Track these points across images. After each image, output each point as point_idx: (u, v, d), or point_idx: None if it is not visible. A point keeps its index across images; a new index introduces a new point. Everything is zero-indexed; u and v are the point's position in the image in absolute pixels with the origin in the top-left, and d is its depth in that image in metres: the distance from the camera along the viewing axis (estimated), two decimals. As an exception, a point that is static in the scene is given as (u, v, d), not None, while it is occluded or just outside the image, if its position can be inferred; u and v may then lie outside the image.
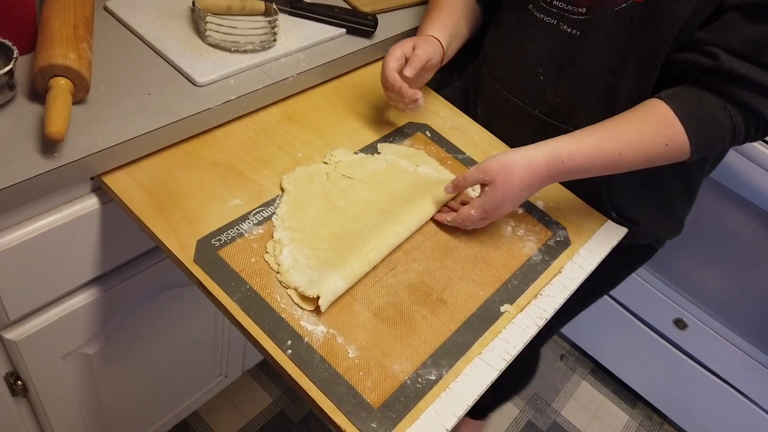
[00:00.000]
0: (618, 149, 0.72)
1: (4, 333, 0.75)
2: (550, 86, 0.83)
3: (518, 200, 0.74)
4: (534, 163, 0.72)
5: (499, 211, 0.74)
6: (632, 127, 0.73)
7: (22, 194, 0.63)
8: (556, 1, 0.78)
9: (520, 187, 0.72)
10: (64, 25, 0.71)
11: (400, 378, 0.60)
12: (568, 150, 0.72)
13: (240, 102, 0.80)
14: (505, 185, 0.71)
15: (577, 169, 0.73)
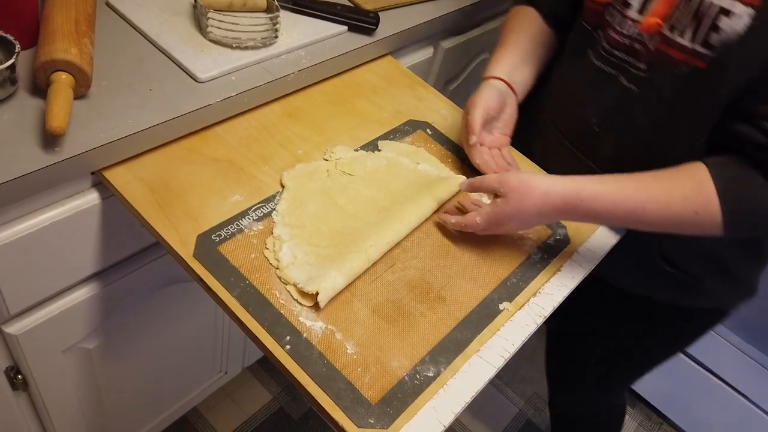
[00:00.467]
0: (643, 203, 0.68)
1: (5, 327, 0.75)
2: (602, 137, 0.79)
3: (526, 223, 0.72)
4: (552, 194, 0.69)
5: (504, 227, 0.72)
6: (663, 183, 0.68)
7: (23, 188, 0.63)
8: (617, 52, 0.74)
9: (531, 212, 0.70)
10: (66, 21, 0.71)
11: (398, 374, 0.60)
12: (589, 191, 0.69)
13: (241, 98, 0.80)
14: (517, 203, 0.69)
15: (595, 213, 0.70)
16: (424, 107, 0.94)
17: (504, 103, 0.82)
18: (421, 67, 1.14)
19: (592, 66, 0.78)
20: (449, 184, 0.80)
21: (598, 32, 0.77)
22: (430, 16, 1.05)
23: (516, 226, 0.72)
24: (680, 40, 0.67)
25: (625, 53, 0.73)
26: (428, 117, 0.92)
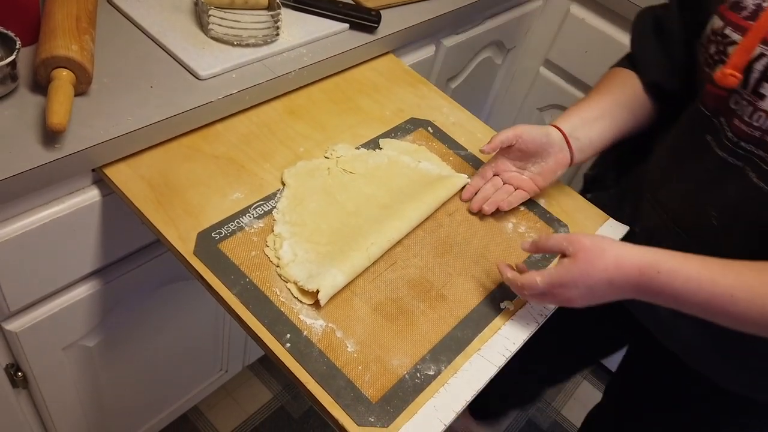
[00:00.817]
0: (731, 288, 0.58)
1: (5, 324, 0.75)
2: (723, 234, 0.69)
3: (591, 292, 0.61)
4: (626, 261, 0.60)
5: (566, 294, 0.62)
6: (758, 272, 0.58)
7: (23, 185, 0.63)
8: (744, 144, 0.65)
9: (600, 277, 0.60)
10: (67, 17, 0.71)
11: (398, 373, 0.60)
12: (670, 264, 0.60)
13: (242, 96, 0.80)
14: (586, 265, 0.60)
15: (673, 291, 0.59)
16: (425, 105, 0.94)
17: (546, 149, 0.76)
18: (423, 65, 1.14)
19: (713, 155, 0.68)
20: (450, 182, 0.80)
21: (720, 119, 0.67)
22: (431, 15, 1.04)
23: (578, 295, 0.62)
24: None
25: (756, 146, 0.64)
26: (430, 115, 0.92)
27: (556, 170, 0.78)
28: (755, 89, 0.63)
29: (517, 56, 1.49)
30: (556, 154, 0.77)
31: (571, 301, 0.63)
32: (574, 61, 1.44)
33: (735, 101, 0.65)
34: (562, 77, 1.49)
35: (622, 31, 1.34)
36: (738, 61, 0.62)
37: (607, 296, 0.62)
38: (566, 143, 0.77)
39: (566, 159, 0.78)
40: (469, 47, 1.25)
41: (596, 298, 0.62)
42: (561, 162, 0.78)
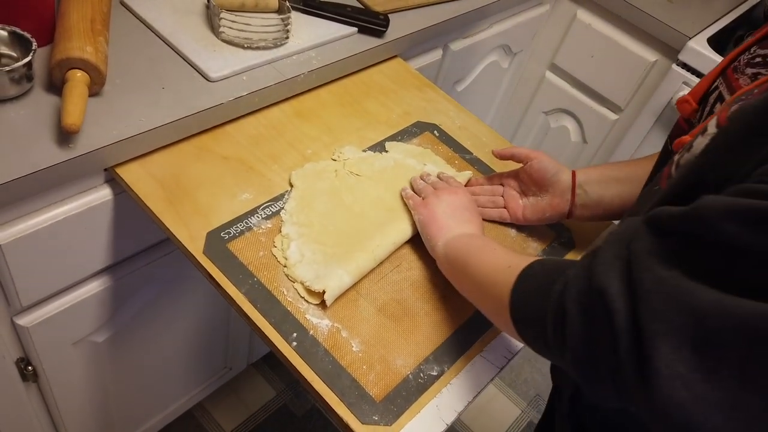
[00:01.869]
0: (498, 246, 0.63)
1: (17, 319, 0.77)
2: None
3: (440, 214, 0.70)
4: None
5: (431, 199, 0.73)
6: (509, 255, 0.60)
7: (38, 184, 0.65)
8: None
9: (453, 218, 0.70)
10: (82, 19, 0.72)
11: (402, 372, 0.61)
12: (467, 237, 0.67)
13: (251, 98, 0.81)
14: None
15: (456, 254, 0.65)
16: (432, 109, 0.95)
17: (548, 186, 0.74)
18: (430, 68, 1.15)
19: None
20: (454, 181, 0.81)
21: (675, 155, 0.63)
22: (438, 19, 1.05)
23: (439, 208, 0.71)
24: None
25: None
26: (436, 119, 0.93)
27: (546, 211, 0.75)
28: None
29: (523, 60, 1.50)
30: (554, 197, 0.74)
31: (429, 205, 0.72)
32: (581, 66, 1.45)
33: (699, 136, 0.62)
34: (569, 81, 1.50)
35: (628, 36, 1.35)
36: (698, 89, 0.58)
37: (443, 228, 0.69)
38: (571, 191, 0.73)
39: (563, 206, 0.74)
40: (476, 51, 1.26)
41: (435, 219, 0.70)
42: (556, 207, 0.74)
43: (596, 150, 1.51)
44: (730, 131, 0.42)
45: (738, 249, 0.36)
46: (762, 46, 0.53)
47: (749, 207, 0.36)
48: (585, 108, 1.49)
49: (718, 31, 1.30)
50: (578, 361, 0.44)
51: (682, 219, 0.39)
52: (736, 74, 0.53)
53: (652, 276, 0.39)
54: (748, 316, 0.35)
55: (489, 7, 1.16)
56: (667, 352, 0.37)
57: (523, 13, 1.34)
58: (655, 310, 0.38)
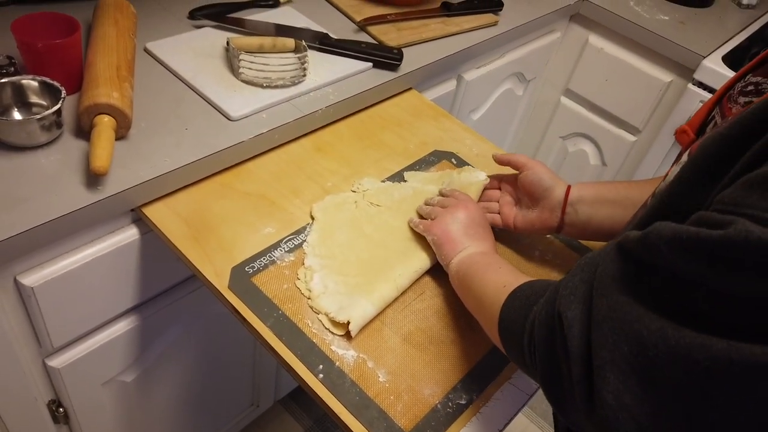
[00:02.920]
0: (504, 266, 0.63)
1: (48, 361, 0.78)
2: None
3: (450, 231, 0.70)
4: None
5: (445, 216, 0.72)
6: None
7: (69, 225, 0.67)
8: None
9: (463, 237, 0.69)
10: (108, 67, 0.75)
11: (430, 402, 0.61)
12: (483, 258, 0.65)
13: (272, 135, 0.83)
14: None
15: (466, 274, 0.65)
16: (449, 138, 0.96)
17: (539, 199, 0.73)
18: (445, 99, 1.17)
19: None
20: (471, 192, 0.80)
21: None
22: (451, 51, 1.07)
23: (452, 224, 0.71)
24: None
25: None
26: (453, 147, 0.94)
27: (535, 224, 0.74)
28: None
29: (537, 87, 1.51)
30: (544, 211, 0.73)
31: (442, 222, 0.71)
32: (595, 90, 1.45)
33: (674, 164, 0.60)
34: (584, 106, 1.50)
35: (641, 58, 1.35)
36: (695, 119, 0.58)
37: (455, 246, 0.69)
38: (562, 208, 0.71)
39: (551, 222, 0.72)
40: (490, 80, 1.28)
41: (449, 238, 0.70)
42: (545, 221, 0.73)
43: (616, 172, 1.50)
44: (697, 160, 0.42)
45: (681, 278, 0.36)
46: (755, 73, 0.53)
47: (691, 235, 0.35)
48: (602, 131, 1.48)
49: (732, 49, 1.30)
50: (545, 384, 0.45)
51: (637, 243, 0.39)
52: (730, 103, 0.53)
53: (608, 302, 0.39)
54: (688, 348, 0.34)
55: (500, 36, 1.17)
56: (615, 381, 0.37)
57: (535, 41, 1.36)
58: (606, 337, 0.38)
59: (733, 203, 0.35)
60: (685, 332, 0.35)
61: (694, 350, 0.34)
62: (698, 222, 0.36)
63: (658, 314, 0.36)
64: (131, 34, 0.85)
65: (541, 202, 0.73)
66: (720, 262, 0.33)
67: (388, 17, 1.09)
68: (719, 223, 0.34)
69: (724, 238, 0.33)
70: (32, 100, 0.75)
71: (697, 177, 0.42)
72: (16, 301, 0.70)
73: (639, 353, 0.36)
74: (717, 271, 0.34)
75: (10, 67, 0.75)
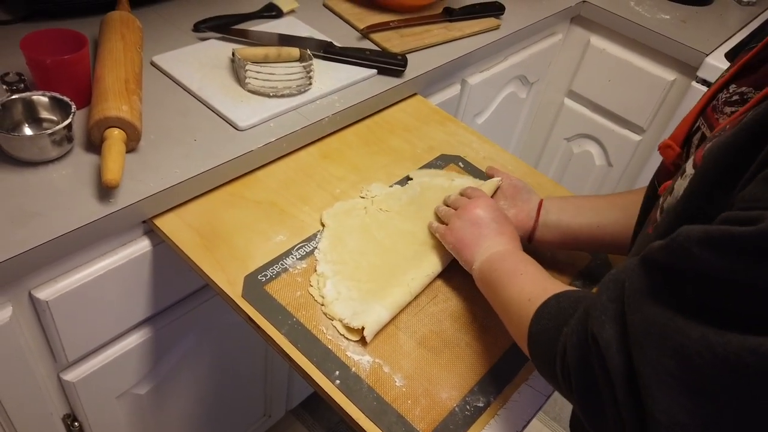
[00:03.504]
0: (524, 270, 0.61)
1: (63, 375, 0.78)
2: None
3: (464, 236, 0.69)
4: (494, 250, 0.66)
5: (455, 221, 0.72)
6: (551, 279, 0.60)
7: (82, 239, 0.67)
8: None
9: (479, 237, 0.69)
10: (117, 80, 0.76)
11: (448, 406, 0.60)
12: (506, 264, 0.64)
13: (279, 143, 0.83)
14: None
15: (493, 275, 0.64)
16: (456, 142, 0.96)
17: (518, 201, 0.77)
18: (450, 103, 1.17)
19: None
20: (488, 185, 0.80)
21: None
22: (454, 55, 1.08)
23: (462, 229, 0.71)
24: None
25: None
26: (461, 151, 0.94)
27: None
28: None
29: (540, 89, 1.51)
30: (521, 212, 0.76)
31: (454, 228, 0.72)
32: (598, 91, 1.45)
33: (677, 178, 0.58)
34: (588, 107, 1.50)
35: (644, 58, 1.35)
36: (678, 132, 0.57)
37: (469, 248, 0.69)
38: (537, 211, 0.75)
39: (527, 223, 0.75)
40: (494, 84, 1.28)
41: (464, 244, 0.69)
42: (520, 222, 0.76)
43: (622, 172, 1.50)
44: (705, 171, 0.42)
45: (716, 278, 0.35)
46: (739, 84, 0.53)
47: (724, 233, 0.34)
48: (607, 131, 1.49)
49: (735, 45, 1.30)
50: (585, 410, 0.43)
51: (663, 250, 0.38)
52: (716, 113, 0.53)
53: (643, 317, 0.38)
54: (734, 351, 0.33)
55: (503, 40, 1.18)
56: (666, 399, 0.36)
57: (537, 44, 1.36)
58: (648, 354, 0.37)
59: (757, 199, 0.35)
60: (729, 336, 0.34)
61: (741, 353, 0.33)
62: (725, 221, 0.36)
63: (696, 321, 0.35)
64: (138, 47, 0.86)
65: (519, 204, 0.77)
66: (756, 257, 0.33)
67: (391, 24, 1.10)
68: (747, 219, 0.34)
69: (759, 232, 0.33)
70: (42, 115, 0.75)
71: (708, 187, 0.41)
72: (31, 315, 0.70)
73: (684, 365, 0.35)
74: (754, 266, 0.33)
75: (20, 83, 0.76)
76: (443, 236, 0.73)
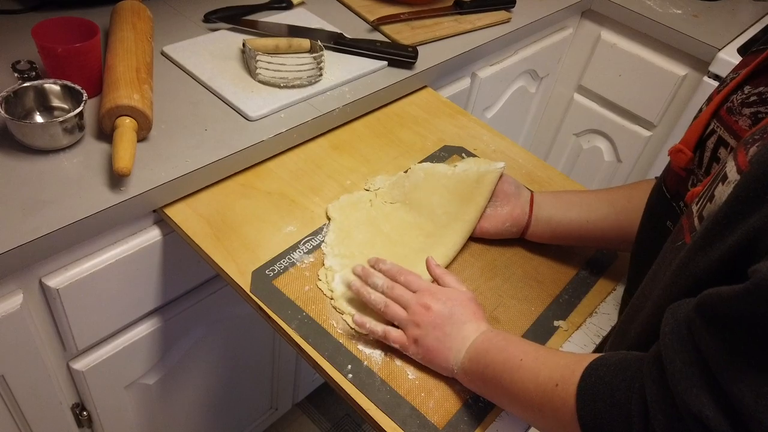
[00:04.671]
0: (523, 355, 0.55)
1: (72, 363, 0.78)
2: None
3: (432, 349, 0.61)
4: (468, 353, 0.59)
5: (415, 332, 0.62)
6: (549, 351, 0.55)
7: (92, 227, 0.67)
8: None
9: (446, 347, 0.60)
10: (128, 69, 0.75)
11: (462, 397, 0.60)
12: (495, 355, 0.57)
13: (290, 134, 0.83)
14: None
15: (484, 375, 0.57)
16: (466, 135, 0.95)
17: (510, 197, 0.76)
18: (460, 96, 1.16)
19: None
20: (488, 179, 0.76)
21: (679, 204, 0.58)
22: (465, 48, 1.07)
23: (429, 339, 0.61)
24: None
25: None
26: (471, 144, 0.94)
27: (507, 221, 0.75)
28: (707, 170, 0.54)
29: (550, 84, 1.50)
30: (515, 208, 0.75)
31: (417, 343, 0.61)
32: (609, 86, 1.44)
33: (692, 182, 0.56)
34: (597, 102, 1.49)
35: (655, 53, 1.34)
36: (689, 136, 0.55)
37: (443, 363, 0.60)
38: (530, 205, 0.75)
39: (521, 219, 0.75)
40: (504, 78, 1.27)
41: (433, 358, 0.60)
42: (516, 218, 0.75)
43: (631, 168, 1.49)
44: (757, 176, 0.39)
45: None
46: (754, 84, 0.51)
47: None
48: (616, 127, 1.48)
49: (747, 40, 1.29)
50: None
51: (743, 300, 0.35)
52: (733, 116, 0.51)
53: (748, 387, 0.35)
54: None
55: (513, 33, 1.17)
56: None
57: (547, 38, 1.35)
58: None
59: None
60: None
61: None
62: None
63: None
64: (149, 37, 0.85)
65: (512, 200, 0.76)
66: None
67: (402, 16, 1.09)
68: None
69: None
70: (54, 103, 0.75)
71: (759, 193, 0.39)
72: (42, 303, 0.70)
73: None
74: None
75: (32, 71, 0.75)
76: (405, 347, 0.62)
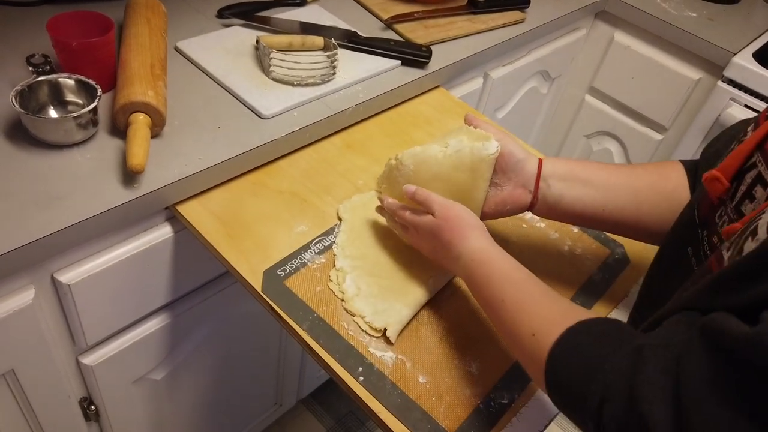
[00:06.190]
0: (506, 292, 0.57)
1: (82, 358, 0.78)
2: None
3: (434, 251, 0.65)
4: (469, 251, 0.61)
5: (418, 239, 0.67)
6: (545, 296, 0.56)
7: (105, 223, 0.67)
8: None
9: (447, 249, 0.63)
10: (142, 65, 0.75)
11: (472, 402, 0.60)
12: (491, 262, 0.60)
13: (303, 133, 0.82)
14: (443, 232, 0.63)
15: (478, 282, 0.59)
16: (478, 136, 0.95)
17: (510, 174, 0.66)
18: (472, 96, 1.16)
19: (689, 273, 0.54)
20: (486, 164, 0.66)
21: (703, 231, 0.55)
22: (478, 48, 1.06)
23: (427, 247, 0.66)
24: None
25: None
26: (483, 146, 0.93)
27: (507, 204, 0.67)
28: (738, 206, 0.49)
29: (562, 85, 1.49)
30: (516, 188, 0.66)
31: (420, 247, 0.68)
32: (621, 88, 1.43)
33: (720, 214, 0.51)
34: (609, 104, 1.49)
35: (669, 56, 1.33)
36: (729, 163, 0.51)
37: (445, 263, 0.65)
38: (535, 182, 0.66)
39: (524, 198, 0.67)
40: (516, 78, 1.27)
41: (437, 257, 0.65)
42: (517, 199, 0.67)
43: (641, 171, 1.49)
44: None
45: None
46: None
47: None
48: (628, 129, 1.47)
49: (762, 45, 1.28)
50: None
51: (746, 344, 0.33)
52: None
53: (705, 415, 0.33)
54: None
55: (527, 34, 1.16)
56: None
57: (560, 39, 1.34)
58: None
59: None
60: None
61: None
62: None
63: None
64: (163, 32, 0.85)
65: (513, 177, 0.66)
66: None
67: (415, 15, 1.09)
68: None
69: None
70: (68, 98, 0.75)
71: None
72: (53, 298, 0.70)
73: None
74: None
75: (46, 65, 0.75)
76: (413, 241, 0.67)
